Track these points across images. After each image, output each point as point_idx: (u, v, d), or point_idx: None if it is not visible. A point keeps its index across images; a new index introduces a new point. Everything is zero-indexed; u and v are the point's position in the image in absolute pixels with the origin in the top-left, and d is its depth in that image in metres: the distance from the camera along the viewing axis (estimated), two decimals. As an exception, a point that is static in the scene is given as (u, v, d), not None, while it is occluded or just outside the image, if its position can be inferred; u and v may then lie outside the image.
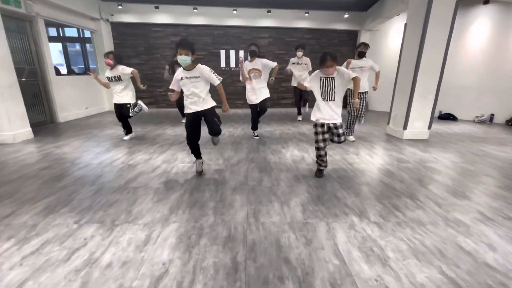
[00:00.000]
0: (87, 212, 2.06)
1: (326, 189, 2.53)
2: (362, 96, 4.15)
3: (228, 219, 1.99)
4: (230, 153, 3.60)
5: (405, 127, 4.50)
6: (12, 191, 2.41)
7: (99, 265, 1.50)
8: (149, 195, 2.37)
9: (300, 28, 7.74)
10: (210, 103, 2.69)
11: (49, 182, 2.62)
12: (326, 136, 2.68)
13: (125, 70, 3.87)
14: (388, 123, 4.97)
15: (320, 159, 2.77)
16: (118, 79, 3.86)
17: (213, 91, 2.71)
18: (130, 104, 4.04)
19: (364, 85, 4.09)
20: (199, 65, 2.56)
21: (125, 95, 3.97)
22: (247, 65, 4.10)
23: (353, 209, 2.15)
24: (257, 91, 4.17)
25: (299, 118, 6.21)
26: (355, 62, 4.01)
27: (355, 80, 2.50)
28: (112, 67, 3.85)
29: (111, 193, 2.39)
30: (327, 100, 2.57)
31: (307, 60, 5.57)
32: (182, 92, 2.64)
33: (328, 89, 2.54)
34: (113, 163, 3.18)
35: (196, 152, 2.86)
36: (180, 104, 4.55)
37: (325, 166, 2.83)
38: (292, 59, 5.68)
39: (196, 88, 2.55)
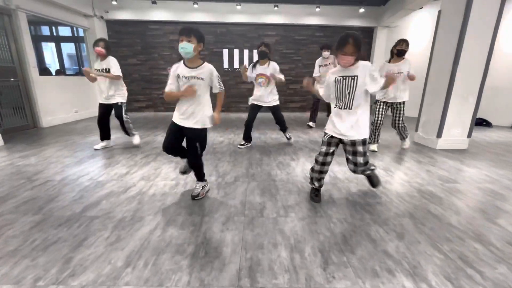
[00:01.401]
0: (6, 261, 1.41)
1: (353, 224, 1.81)
2: (400, 107, 3.42)
3: (209, 279, 1.30)
4: (226, 167, 2.92)
5: (439, 135, 3.73)
6: None
7: None
8: (106, 231, 1.70)
9: (310, 25, 7.07)
10: (201, 123, 1.98)
11: (-16, 207, 1.99)
12: (332, 149, 2.01)
13: (114, 65, 3.26)
14: (416, 130, 4.21)
15: (315, 176, 2.12)
16: (108, 71, 3.25)
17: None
18: (122, 102, 3.43)
19: (402, 94, 3.37)
20: (206, 63, 1.94)
21: (115, 93, 3.36)
22: (257, 70, 3.50)
23: (399, 262, 1.43)
24: (266, 94, 3.54)
25: (311, 124, 5.49)
26: (390, 67, 3.31)
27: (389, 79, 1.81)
28: (103, 57, 3.25)
29: (55, 227, 1.73)
30: (343, 108, 1.90)
31: (333, 59, 4.78)
32: None
33: (346, 92, 1.85)
34: (79, 179, 2.54)
35: (182, 156, 2.26)
36: None
37: (320, 186, 2.17)
38: (318, 61, 4.89)
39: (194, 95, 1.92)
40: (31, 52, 4.77)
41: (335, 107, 1.96)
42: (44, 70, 6.20)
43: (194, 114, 1.95)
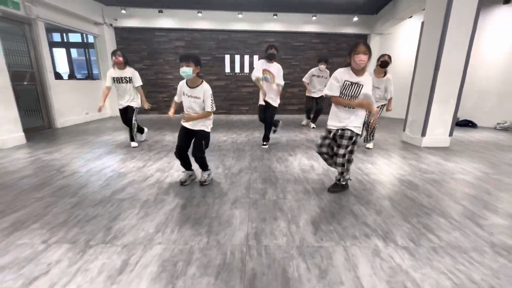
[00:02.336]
0: (59, 229, 1.75)
1: (341, 204, 2.17)
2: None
3: (224, 240, 1.65)
4: (231, 161, 3.28)
5: (423, 134, 4.11)
6: (-17, 203, 2.13)
7: (55, 303, 1.18)
8: (135, 209, 2.05)
9: (307, 32, 7.50)
10: (205, 126, 2.43)
11: (26, 192, 2.34)
12: (329, 140, 2.31)
13: (137, 75, 3.66)
14: (404, 130, 4.59)
15: (323, 156, 2.39)
16: (129, 80, 3.62)
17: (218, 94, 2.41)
18: (136, 108, 3.81)
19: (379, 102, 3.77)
20: (204, 84, 2.36)
21: (131, 99, 3.74)
22: (263, 65, 3.69)
23: (375, 230, 1.79)
24: (267, 95, 3.75)
25: (305, 123, 5.96)
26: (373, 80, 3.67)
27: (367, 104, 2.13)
28: (121, 67, 3.61)
29: (92, 206, 2.08)
30: (343, 107, 2.19)
31: (328, 73, 5.34)
32: None
33: (350, 95, 2.14)
34: (102, 171, 2.89)
35: (186, 164, 2.56)
36: None
37: (339, 179, 2.39)
38: (313, 71, 5.45)
39: (191, 108, 2.38)
40: (48, 58, 5.14)
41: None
42: (56, 75, 6.56)
43: (199, 121, 2.39)
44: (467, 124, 6.24)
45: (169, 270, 1.38)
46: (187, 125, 2.41)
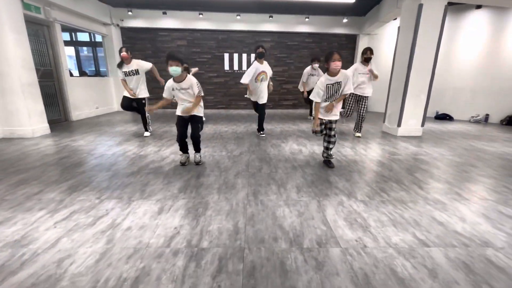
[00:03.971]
0: (106, 191, 2.33)
1: (320, 176, 2.77)
2: (364, 101, 4.37)
3: (230, 197, 2.25)
4: (233, 147, 3.87)
5: (399, 125, 4.73)
6: (37, 175, 2.70)
7: (120, 228, 1.77)
8: (159, 178, 2.63)
9: (301, 32, 8.05)
10: (198, 112, 2.97)
11: (69, 168, 2.91)
12: (323, 126, 2.93)
13: (142, 63, 4.18)
14: (384, 121, 5.20)
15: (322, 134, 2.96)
16: (136, 72, 4.16)
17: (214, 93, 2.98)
18: (145, 98, 4.34)
19: (369, 91, 4.33)
20: (189, 76, 2.86)
21: (140, 90, 4.27)
22: (259, 67, 4.12)
23: (343, 191, 2.40)
24: (261, 93, 4.30)
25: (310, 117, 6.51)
26: (360, 68, 4.25)
27: (342, 97, 2.79)
28: (128, 61, 4.14)
29: (125, 177, 2.66)
30: (331, 101, 2.82)
31: (321, 73, 5.83)
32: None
33: (334, 93, 2.77)
34: (125, 153, 3.47)
35: (184, 148, 3.11)
36: None
37: (330, 154, 3.03)
38: (309, 70, 5.96)
39: (186, 98, 2.89)
40: (64, 56, 5.65)
41: (326, 102, 2.84)
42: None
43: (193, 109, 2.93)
44: (445, 117, 6.88)
45: (193, 212, 1.98)
46: (183, 114, 2.91)
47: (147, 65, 4.26)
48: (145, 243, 1.61)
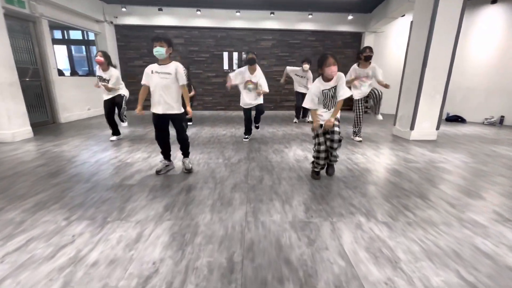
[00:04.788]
0: (78, 209, 1.97)
1: (330, 189, 2.40)
2: (375, 90, 4.04)
3: (225, 217, 1.87)
4: (231, 153, 3.50)
5: (412, 128, 4.35)
6: (4, 188, 2.33)
7: (84, 263, 1.39)
8: (144, 192, 2.26)
9: (303, 30, 7.69)
10: (177, 109, 2.58)
11: (43, 178, 2.54)
12: (327, 136, 2.55)
13: (115, 77, 3.81)
14: (394, 124, 4.83)
15: (319, 162, 2.56)
16: (108, 81, 3.82)
17: (213, 92, 2.61)
18: (124, 94, 4.00)
19: (367, 90, 3.99)
20: (174, 62, 2.50)
21: (119, 90, 3.92)
22: (245, 76, 3.81)
23: (359, 209, 2.02)
24: (253, 96, 3.89)
25: (296, 120, 6.10)
26: (359, 71, 3.91)
27: (340, 101, 2.42)
28: (104, 67, 3.75)
29: (105, 190, 2.29)
30: (329, 108, 2.49)
31: (310, 75, 5.52)
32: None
33: (330, 99, 2.44)
34: (110, 161, 3.10)
35: (166, 152, 2.75)
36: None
37: (322, 168, 2.64)
38: (297, 70, 5.62)
39: (164, 86, 2.46)
40: (51, 55, 5.29)
41: (324, 108, 2.48)
42: (58, 71, 6.71)
43: (171, 106, 2.51)
44: (456, 119, 6.50)
45: (179, 240, 1.60)
46: (159, 111, 2.49)
47: (118, 83, 3.89)
48: (111, 287, 1.23)
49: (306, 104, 2.49)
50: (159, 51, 2.36)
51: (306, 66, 5.42)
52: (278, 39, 7.78)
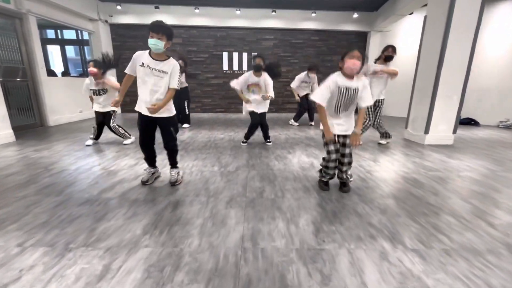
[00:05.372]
0: (38, 231, 1.61)
1: (343, 203, 2.04)
2: (379, 105, 3.71)
3: (217, 242, 1.51)
4: (228, 159, 3.14)
5: (426, 131, 3.99)
6: (-40, 202, 1.99)
7: (23, 314, 1.04)
8: (122, 208, 1.91)
9: (306, 29, 7.37)
10: (168, 111, 2.20)
11: (9, 190, 2.19)
12: (338, 145, 2.19)
13: (112, 82, 3.47)
14: (406, 127, 4.46)
15: (329, 172, 2.21)
16: (106, 91, 3.51)
17: (210, 92, 2.26)
18: (113, 111, 3.70)
19: (383, 92, 3.65)
20: (171, 59, 2.11)
21: (108, 104, 3.58)
22: (249, 78, 3.54)
23: (381, 230, 1.65)
24: (258, 102, 3.61)
25: (292, 122, 5.72)
26: (375, 66, 3.56)
27: (363, 110, 2.09)
28: (98, 78, 3.43)
29: (77, 206, 1.94)
30: (338, 113, 2.10)
31: (315, 79, 5.28)
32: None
33: (346, 101, 2.03)
34: (92, 169, 2.75)
35: (151, 159, 2.39)
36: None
37: (331, 178, 2.29)
38: (302, 77, 5.32)
39: (156, 85, 2.07)
40: (39, 53, 4.98)
41: (334, 112, 2.08)
42: (50, 72, 6.41)
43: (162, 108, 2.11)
44: (469, 122, 6.13)
45: (155, 277, 1.24)
46: (148, 113, 2.10)
47: (116, 85, 3.50)
48: None
49: (315, 96, 2.02)
50: (157, 44, 1.94)
51: (313, 75, 5.24)
52: (280, 39, 7.47)
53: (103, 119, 3.71)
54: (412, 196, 2.17)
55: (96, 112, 3.70)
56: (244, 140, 3.90)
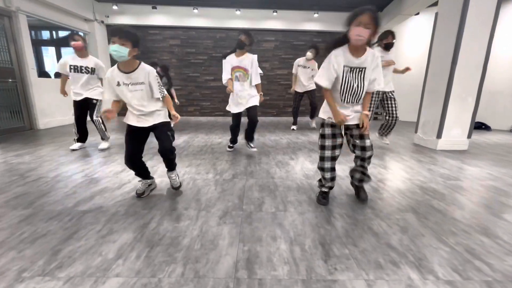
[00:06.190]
0: (-9, 254, 1.34)
1: (355, 218, 1.75)
2: (391, 96, 3.47)
3: (204, 270, 1.23)
4: (225, 165, 2.87)
5: (439, 136, 3.71)
6: None
7: None
8: (98, 224, 1.63)
9: (308, 31, 7.16)
10: (161, 116, 1.92)
11: (-28, 202, 1.92)
12: (340, 141, 1.85)
13: (101, 65, 3.25)
14: (416, 131, 4.19)
15: (325, 176, 1.89)
16: (91, 71, 3.22)
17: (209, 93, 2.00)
18: (97, 100, 3.35)
19: (391, 84, 3.43)
20: (143, 64, 1.79)
21: (93, 90, 3.31)
22: (232, 61, 3.01)
23: (404, 255, 1.37)
24: (242, 98, 3.14)
25: (294, 127, 5.36)
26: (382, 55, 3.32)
27: (368, 97, 1.77)
28: (82, 53, 3.18)
29: (45, 221, 1.67)
30: (345, 99, 1.72)
31: (315, 65, 4.85)
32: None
33: (355, 85, 1.66)
34: (73, 176, 2.48)
35: (142, 172, 2.02)
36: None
37: (331, 188, 1.98)
38: (299, 61, 4.94)
39: (140, 100, 1.80)
40: (30, 54, 4.77)
41: (342, 102, 1.74)
42: (43, 73, 6.21)
43: (154, 114, 1.87)
44: (480, 126, 5.84)
45: (121, 320, 0.96)
46: (139, 124, 1.84)
47: (103, 73, 3.22)
48: None
49: (319, 79, 1.70)
50: (120, 52, 1.63)
51: (310, 55, 4.71)
52: (281, 40, 7.25)
53: (83, 110, 3.31)
54: (434, 210, 1.88)
55: (75, 102, 3.29)
56: (231, 145, 3.58)
